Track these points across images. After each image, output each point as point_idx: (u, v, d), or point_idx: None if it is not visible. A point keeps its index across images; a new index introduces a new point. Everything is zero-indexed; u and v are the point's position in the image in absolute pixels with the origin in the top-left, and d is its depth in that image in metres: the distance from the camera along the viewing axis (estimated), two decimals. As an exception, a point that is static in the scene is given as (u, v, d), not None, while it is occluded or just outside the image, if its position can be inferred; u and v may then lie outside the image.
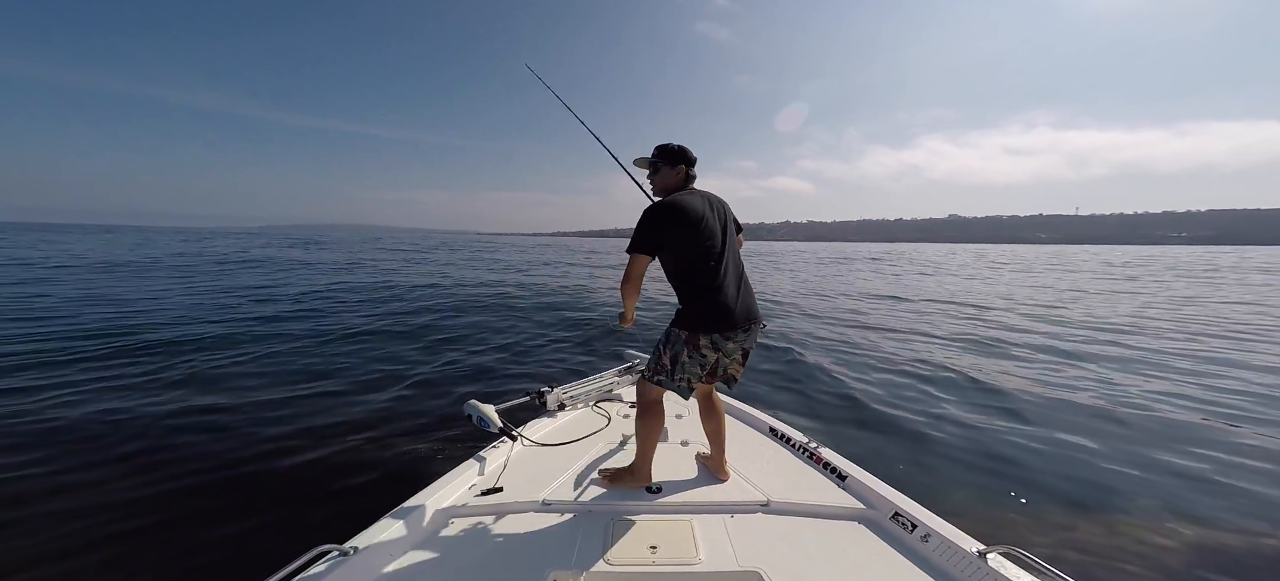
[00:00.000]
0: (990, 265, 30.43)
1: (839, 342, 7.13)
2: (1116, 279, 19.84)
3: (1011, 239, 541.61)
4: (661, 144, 2.08)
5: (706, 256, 1.88)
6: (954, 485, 3.09)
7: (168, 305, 9.00)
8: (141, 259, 18.89)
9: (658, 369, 1.95)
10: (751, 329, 1.97)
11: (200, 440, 3.47)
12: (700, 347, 1.88)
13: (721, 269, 1.89)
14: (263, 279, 13.92)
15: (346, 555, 1.51)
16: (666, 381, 1.93)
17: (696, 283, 1.88)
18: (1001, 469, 3.27)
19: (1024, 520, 2.74)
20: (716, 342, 1.89)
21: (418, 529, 1.75)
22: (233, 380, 4.81)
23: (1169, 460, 3.40)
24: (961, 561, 1.53)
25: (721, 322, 1.86)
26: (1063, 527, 2.66)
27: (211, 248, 29.96)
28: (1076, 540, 2.55)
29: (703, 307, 1.87)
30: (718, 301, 1.86)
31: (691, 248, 1.87)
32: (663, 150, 2.06)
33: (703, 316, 1.87)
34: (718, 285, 1.87)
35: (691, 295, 1.91)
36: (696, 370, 1.92)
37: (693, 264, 1.88)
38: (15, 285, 10.76)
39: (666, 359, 1.93)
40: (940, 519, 1.70)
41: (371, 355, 5.91)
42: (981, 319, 9.45)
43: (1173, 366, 5.92)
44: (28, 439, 3.38)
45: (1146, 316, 9.80)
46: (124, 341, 6.05)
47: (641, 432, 2.01)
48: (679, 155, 2.04)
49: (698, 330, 1.87)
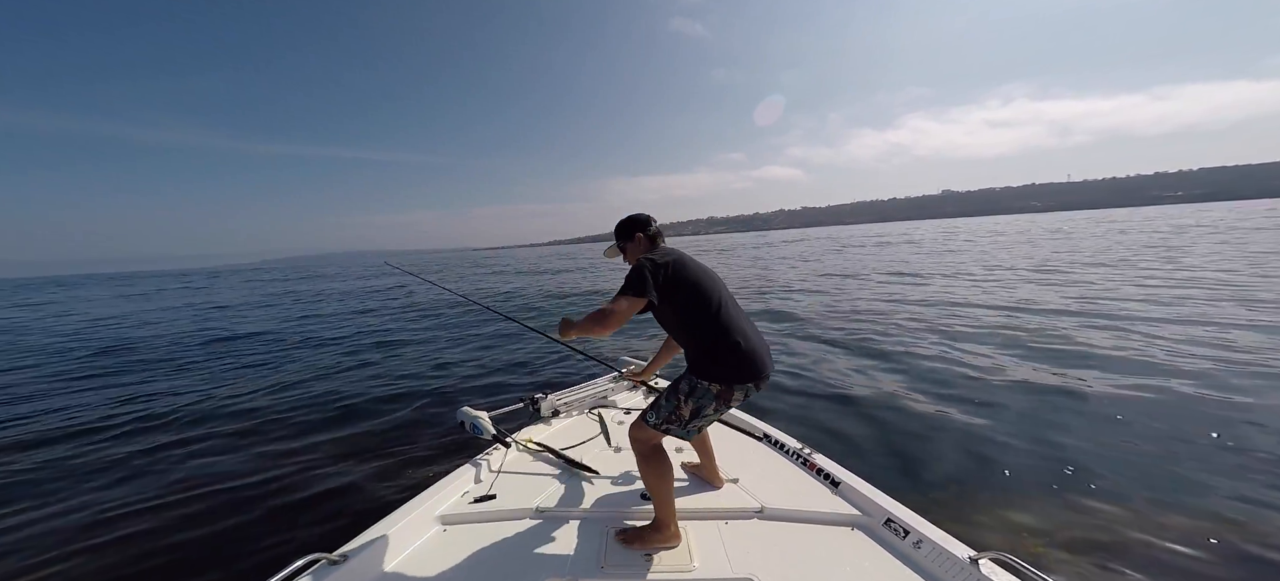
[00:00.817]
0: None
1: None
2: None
3: (1006, 210, 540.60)
4: (621, 220, 2.08)
5: (721, 303, 1.78)
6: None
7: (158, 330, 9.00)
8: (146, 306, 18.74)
9: (672, 418, 1.77)
10: (768, 377, 1.85)
11: (190, 449, 3.53)
12: (731, 400, 1.75)
13: (737, 317, 1.80)
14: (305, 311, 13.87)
15: (336, 564, 1.51)
16: (678, 431, 1.77)
17: (717, 331, 1.75)
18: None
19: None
20: (748, 392, 1.77)
21: (410, 537, 1.75)
22: (226, 391, 4.84)
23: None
24: (953, 567, 1.53)
25: (755, 372, 1.73)
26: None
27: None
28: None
29: (733, 358, 1.74)
30: (744, 350, 1.73)
31: (699, 292, 1.77)
32: (621, 225, 2.07)
33: (735, 367, 1.73)
34: (742, 331, 1.76)
35: (714, 345, 1.75)
36: (710, 419, 1.81)
37: (707, 312, 1.76)
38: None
39: (686, 411, 1.75)
40: (932, 525, 1.70)
41: (376, 369, 5.93)
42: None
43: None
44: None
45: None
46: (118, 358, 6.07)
47: (656, 483, 1.77)
48: (633, 224, 2.04)
49: (732, 382, 1.73)
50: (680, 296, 1.76)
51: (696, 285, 1.77)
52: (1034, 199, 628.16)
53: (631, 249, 2.06)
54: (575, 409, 2.97)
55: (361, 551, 1.58)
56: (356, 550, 1.58)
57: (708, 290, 1.77)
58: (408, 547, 1.70)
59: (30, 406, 5.13)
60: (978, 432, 3.45)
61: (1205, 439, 3.20)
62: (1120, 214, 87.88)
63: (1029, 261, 14.49)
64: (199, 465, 3.37)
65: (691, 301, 1.76)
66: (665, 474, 1.78)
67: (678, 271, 1.75)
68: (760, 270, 17.94)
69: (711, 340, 1.75)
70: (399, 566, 1.61)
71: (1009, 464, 3.04)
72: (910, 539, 1.67)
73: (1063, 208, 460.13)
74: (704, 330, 1.77)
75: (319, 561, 1.47)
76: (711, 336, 1.75)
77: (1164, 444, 3.19)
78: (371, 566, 1.57)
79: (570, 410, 2.94)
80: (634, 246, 2.05)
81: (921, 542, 1.64)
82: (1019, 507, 2.64)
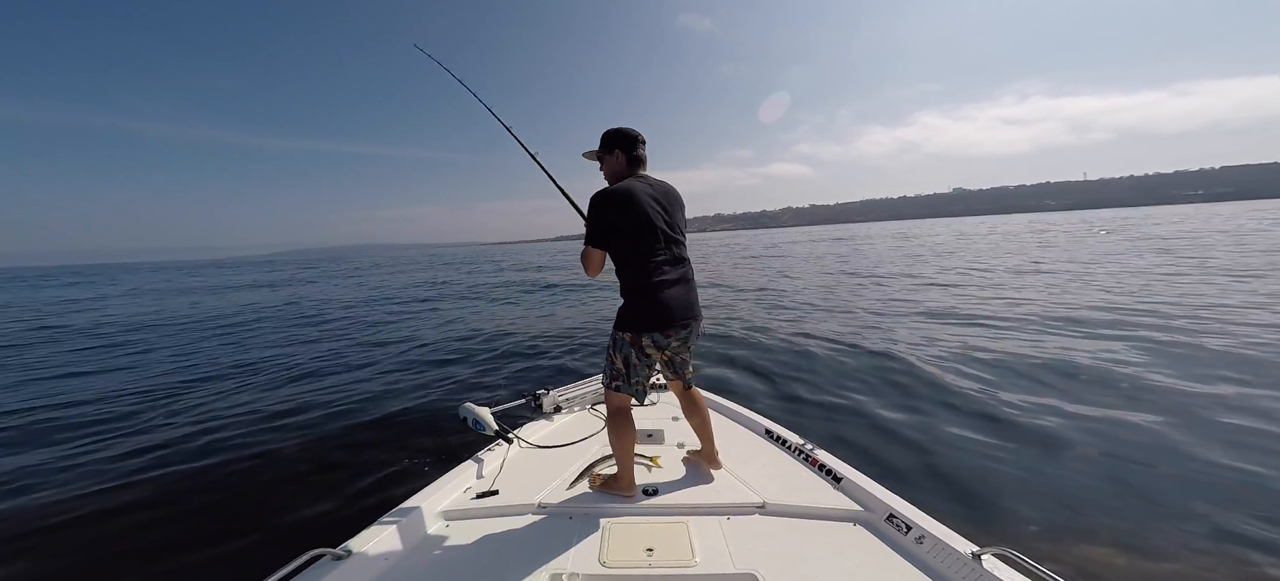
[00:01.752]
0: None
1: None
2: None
3: (1019, 208, 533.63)
4: (607, 130, 1.99)
5: (648, 248, 1.82)
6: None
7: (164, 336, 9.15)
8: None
9: (614, 374, 1.94)
10: (691, 326, 1.93)
11: (193, 446, 3.57)
12: (644, 348, 1.87)
13: (664, 263, 1.84)
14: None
15: (340, 558, 1.53)
16: (624, 387, 1.92)
17: (637, 276, 1.83)
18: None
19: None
20: (657, 342, 1.87)
21: (412, 532, 1.77)
22: (226, 386, 4.92)
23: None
24: (956, 563, 1.53)
25: (661, 321, 1.83)
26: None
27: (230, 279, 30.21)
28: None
29: (643, 305, 1.83)
30: (658, 299, 1.81)
31: (631, 237, 1.81)
32: (605, 135, 1.99)
33: (643, 315, 1.83)
34: (659, 281, 1.82)
35: (632, 291, 1.86)
36: (646, 371, 1.92)
37: (633, 255, 1.82)
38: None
39: (619, 363, 1.91)
40: (935, 520, 1.70)
41: (381, 363, 6.00)
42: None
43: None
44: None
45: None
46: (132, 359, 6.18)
47: (615, 441, 1.98)
48: (615, 138, 1.95)
49: (639, 330, 1.85)
50: (614, 242, 1.83)
51: (631, 229, 1.79)
52: (1049, 197, 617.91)
53: (608, 163, 1.99)
54: (577, 405, 2.99)
55: (364, 546, 1.60)
56: (359, 545, 1.60)
57: (638, 236, 1.80)
58: (410, 543, 1.72)
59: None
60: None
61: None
62: (1137, 212, 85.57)
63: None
64: (200, 460, 3.40)
65: (622, 248, 1.83)
66: (625, 434, 1.96)
67: (616, 215, 1.79)
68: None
69: (630, 285, 1.85)
70: (401, 561, 1.63)
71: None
72: (912, 534, 1.67)
73: (1079, 206, 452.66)
74: (627, 278, 1.85)
75: (322, 556, 1.49)
76: (629, 285, 1.85)
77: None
78: (374, 561, 1.59)
79: (572, 406, 2.97)
80: (609, 162, 1.98)
81: (924, 538, 1.64)
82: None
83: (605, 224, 1.82)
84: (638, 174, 1.95)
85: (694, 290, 1.96)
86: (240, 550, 2.45)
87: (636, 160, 1.96)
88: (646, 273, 1.82)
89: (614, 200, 1.82)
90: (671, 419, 2.73)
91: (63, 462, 3.50)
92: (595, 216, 1.83)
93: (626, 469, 1.98)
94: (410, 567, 1.62)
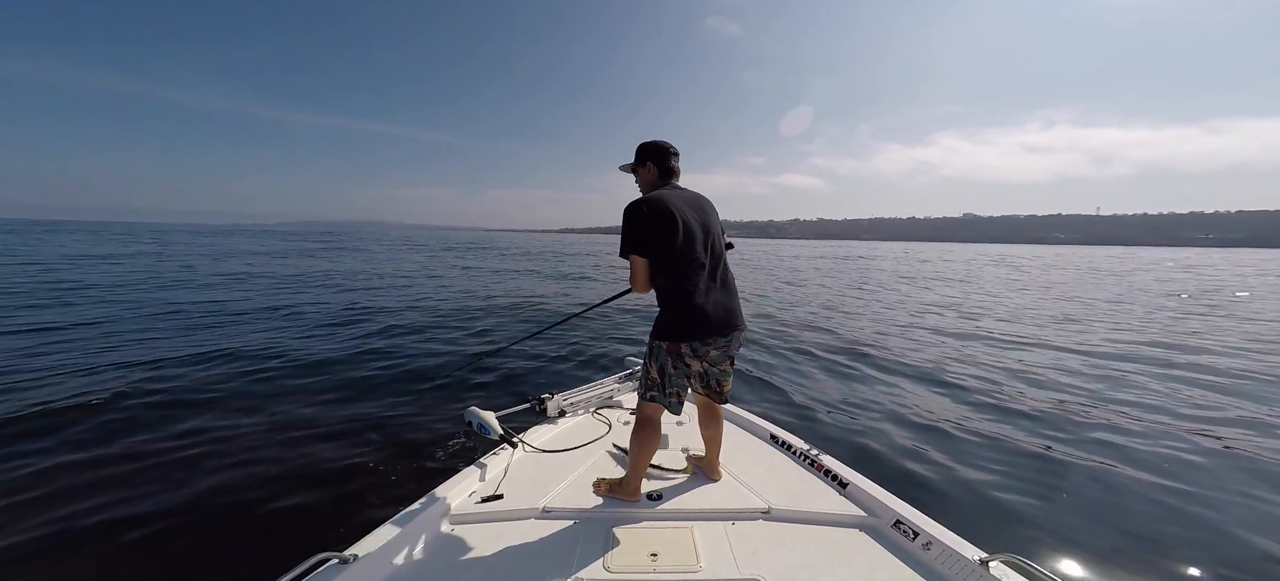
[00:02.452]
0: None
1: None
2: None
3: (1028, 239, 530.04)
4: (641, 143, 2.05)
5: (684, 258, 1.83)
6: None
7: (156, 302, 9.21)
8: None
9: (649, 385, 1.95)
10: (732, 335, 1.92)
11: (198, 448, 3.50)
12: (682, 356, 1.87)
13: (702, 271, 1.86)
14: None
15: (347, 562, 1.54)
16: (660, 397, 1.92)
17: (674, 286, 1.84)
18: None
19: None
20: (696, 350, 1.87)
21: (418, 536, 1.78)
22: (230, 387, 4.85)
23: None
24: (963, 569, 1.52)
25: (700, 329, 1.83)
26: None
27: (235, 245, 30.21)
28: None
29: (680, 314, 1.84)
30: (695, 306, 1.82)
31: (668, 247, 1.82)
32: (640, 148, 2.04)
33: (680, 324, 1.84)
34: (697, 288, 1.83)
35: (669, 300, 1.87)
36: (683, 381, 1.92)
37: (670, 265, 1.83)
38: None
39: (655, 372, 1.92)
40: (942, 526, 1.69)
41: (382, 361, 6.02)
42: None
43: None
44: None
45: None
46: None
47: (635, 448, 2.00)
48: (649, 150, 2.01)
49: (677, 338, 1.85)
50: (651, 252, 1.83)
51: (662, 236, 1.79)
52: (1058, 229, 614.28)
53: (641, 175, 2.05)
54: (582, 409, 3.01)
55: (370, 550, 1.62)
56: (365, 549, 1.62)
57: (673, 242, 1.80)
58: (416, 547, 1.74)
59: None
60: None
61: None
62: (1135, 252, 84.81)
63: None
64: (205, 461, 3.34)
65: (658, 257, 1.83)
66: (648, 444, 1.94)
67: (650, 223, 1.80)
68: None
69: (667, 294, 1.85)
70: (407, 565, 1.65)
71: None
72: (919, 540, 1.67)
73: (1088, 242, 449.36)
74: (664, 287, 1.86)
75: (329, 560, 1.51)
76: (668, 290, 1.85)
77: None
78: (380, 565, 1.61)
79: (577, 410, 2.98)
80: (643, 174, 2.04)
81: (931, 544, 1.64)
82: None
83: (640, 231, 1.82)
84: (670, 184, 1.97)
85: (735, 297, 1.96)
86: (247, 554, 2.45)
87: (669, 172, 1.99)
88: (684, 280, 1.82)
89: (647, 206, 1.84)
90: (676, 423, 2.75)
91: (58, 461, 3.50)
92: (629, 225, 1.83)
93: (636, 476, 1.99)
94: (416, 572, 1.63)
